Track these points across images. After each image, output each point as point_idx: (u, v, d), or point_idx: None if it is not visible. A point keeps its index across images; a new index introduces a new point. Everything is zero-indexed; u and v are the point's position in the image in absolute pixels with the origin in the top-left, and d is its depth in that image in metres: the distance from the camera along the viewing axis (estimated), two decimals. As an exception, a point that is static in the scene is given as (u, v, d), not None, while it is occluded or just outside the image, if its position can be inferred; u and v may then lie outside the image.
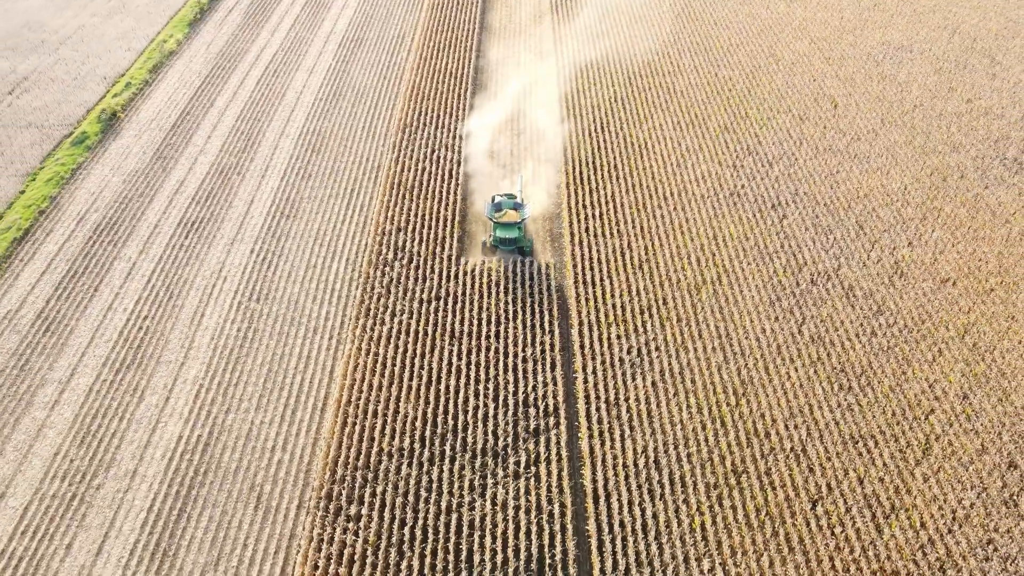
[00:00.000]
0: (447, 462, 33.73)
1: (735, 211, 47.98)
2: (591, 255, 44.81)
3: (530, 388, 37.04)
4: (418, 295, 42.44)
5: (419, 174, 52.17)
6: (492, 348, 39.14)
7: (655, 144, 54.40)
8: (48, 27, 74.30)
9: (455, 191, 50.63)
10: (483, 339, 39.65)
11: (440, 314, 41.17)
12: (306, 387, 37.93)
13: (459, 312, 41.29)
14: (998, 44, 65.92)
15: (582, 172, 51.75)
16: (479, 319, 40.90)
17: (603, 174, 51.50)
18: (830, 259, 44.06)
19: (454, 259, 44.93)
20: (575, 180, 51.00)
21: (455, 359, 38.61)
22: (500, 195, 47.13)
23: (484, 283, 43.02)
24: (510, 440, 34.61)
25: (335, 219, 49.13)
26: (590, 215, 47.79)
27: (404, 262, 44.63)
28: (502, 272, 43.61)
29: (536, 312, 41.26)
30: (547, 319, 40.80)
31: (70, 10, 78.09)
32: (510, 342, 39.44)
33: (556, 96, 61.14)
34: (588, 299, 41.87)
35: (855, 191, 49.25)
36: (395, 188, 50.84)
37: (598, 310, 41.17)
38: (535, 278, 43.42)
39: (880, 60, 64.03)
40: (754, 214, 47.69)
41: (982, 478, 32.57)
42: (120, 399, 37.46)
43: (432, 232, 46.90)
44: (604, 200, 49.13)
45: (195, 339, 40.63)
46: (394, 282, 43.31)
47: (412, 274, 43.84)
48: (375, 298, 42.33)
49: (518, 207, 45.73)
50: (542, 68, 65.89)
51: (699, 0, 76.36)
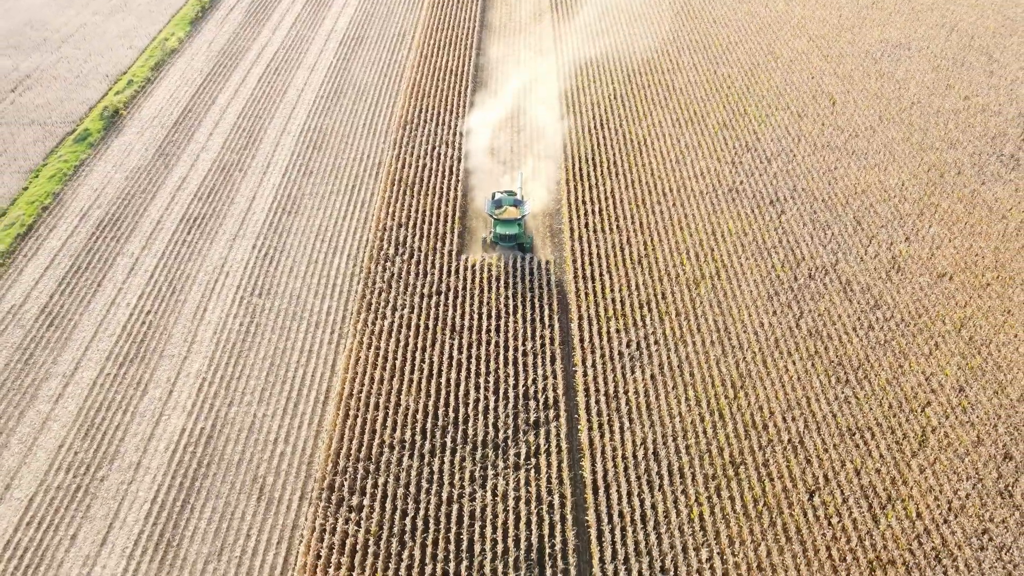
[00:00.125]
0: (448, 454, 34.10)
1: (734, 207, 48.30)
2: (591, 250, 45.13)
3: (530, 381, 37.37)
4: (419, 290, 42.77)
5: (420, 171, 52.48)
6: (492, 342, 39.47)
7: (654, 141, 54.71)
8: (50, 25, 74.64)
9: (455, 187, 50.94)
10: (484, 333, 39.98)
11: (441, 309, 41.51)
12: (308, 380, 38.28)
13: (460, 307, 41.63)
14: (995, 42, 66.23)
15: (582, 169, 52.06)
16: (479, 314, 41.23)
17: (603, 170, 51.82)
18: (828, 254, 44.38)
19: (455, 255, 45.25)
20: (575, 176, 51.31)
21: (456, 353, 38.95)
22: (500, 192, 47.45)
23: (484, 278, 43.34)
24: (510, 432, 34.95)
25: (336, 215, 49.46)
26: (590, 211, 48.11)
27: (405, 257, 44.97)
28: (502, 267, 43.93)
29: (536, 307, 41.59)
30: (547, 313, 41.13)
31: (72, 8, 78.42)
32: (510, 336, 39.77)
33: (556, 93, 61.46)
34: (588, 294, 42.20)
35: (853, 187, 49.56)
36: (396, 184, 51.17)
37: (598, 305, 41.50)
38: (535, 273, 43.74)
39: (878, 58, 64.33)
40: (752, 210, 48.01)
41: (977, 469, 32.90)
42: (124, 392, 37.83)
43: (433, 228, 47.22)
44: (604, 196, 49.45)
45: (198, 333, 40.97)
46: (395, 277, 43.65)
47: (413, 269, 44.16)
48: (376, 293, 42.67)
49: (518, 204, 46.03)
50: (542, 65, 66.21)
51: (698, -2, 76.69)
